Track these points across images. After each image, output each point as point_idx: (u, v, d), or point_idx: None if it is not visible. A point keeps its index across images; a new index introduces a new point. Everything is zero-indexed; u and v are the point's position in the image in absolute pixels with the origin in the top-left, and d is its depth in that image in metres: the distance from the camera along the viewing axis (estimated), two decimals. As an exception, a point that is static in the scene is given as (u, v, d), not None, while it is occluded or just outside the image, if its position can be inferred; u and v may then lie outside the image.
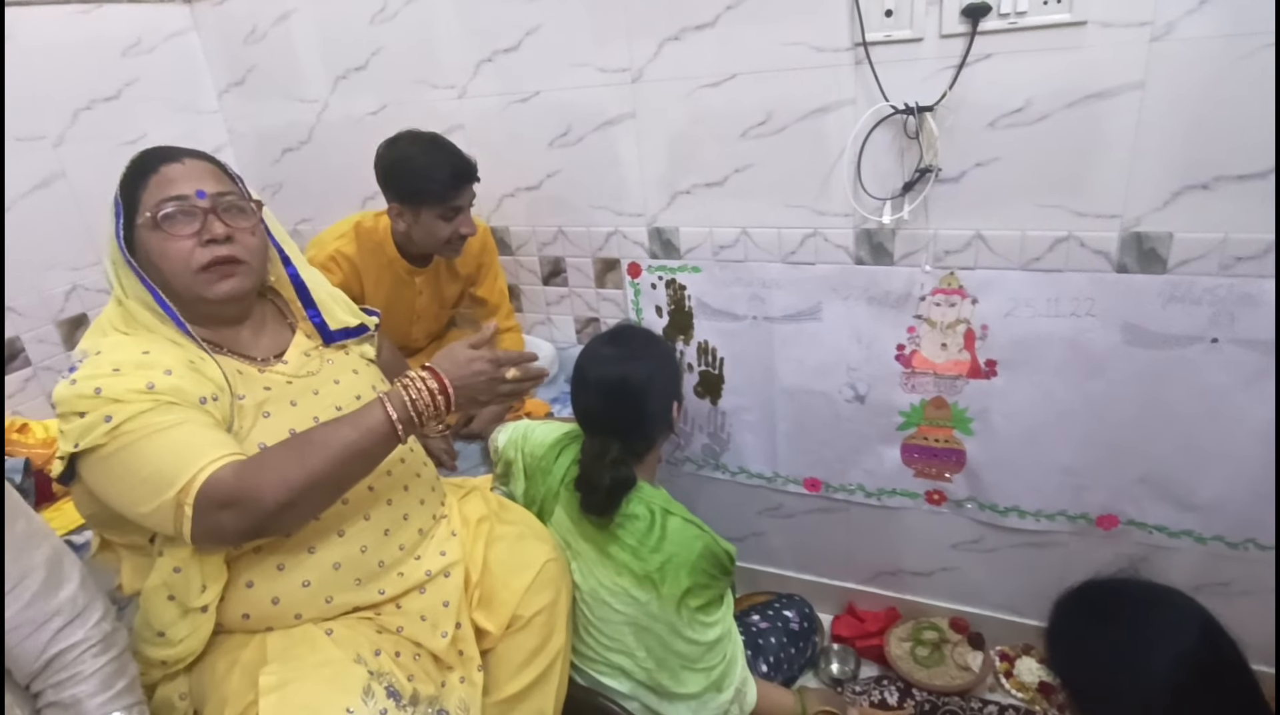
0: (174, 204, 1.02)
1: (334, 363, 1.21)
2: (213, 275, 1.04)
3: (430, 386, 1.04)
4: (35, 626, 0.84)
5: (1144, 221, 1.34)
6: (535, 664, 1.24)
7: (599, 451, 1.31)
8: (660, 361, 1.40)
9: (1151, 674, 0.85)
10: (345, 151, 1.93)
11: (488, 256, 1.83)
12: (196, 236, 1.03)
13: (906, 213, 1.47)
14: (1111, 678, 0.87)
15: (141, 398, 0.94)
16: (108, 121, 1.83)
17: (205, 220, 1.03)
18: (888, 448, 1.73)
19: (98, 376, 0.95)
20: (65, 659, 0.85)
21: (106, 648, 0.89)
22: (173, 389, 0.96)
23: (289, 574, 1.07)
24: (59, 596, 0.86)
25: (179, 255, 1.03)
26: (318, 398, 1.13)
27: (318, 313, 1.21)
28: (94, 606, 0.90)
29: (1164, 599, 0.91)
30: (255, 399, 1.08)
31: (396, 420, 1.01)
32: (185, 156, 1.06)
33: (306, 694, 0.98)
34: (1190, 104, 1.25)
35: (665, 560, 1.28)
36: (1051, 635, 0.96)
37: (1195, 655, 0.86)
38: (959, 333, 1.55)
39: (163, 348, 1.02)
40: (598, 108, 1.67)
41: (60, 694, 0.85)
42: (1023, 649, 1.79)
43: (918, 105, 1.38)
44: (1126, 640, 0.88)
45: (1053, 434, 1.56)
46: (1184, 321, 1.37)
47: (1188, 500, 1.51)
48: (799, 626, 1.62)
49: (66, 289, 1.77)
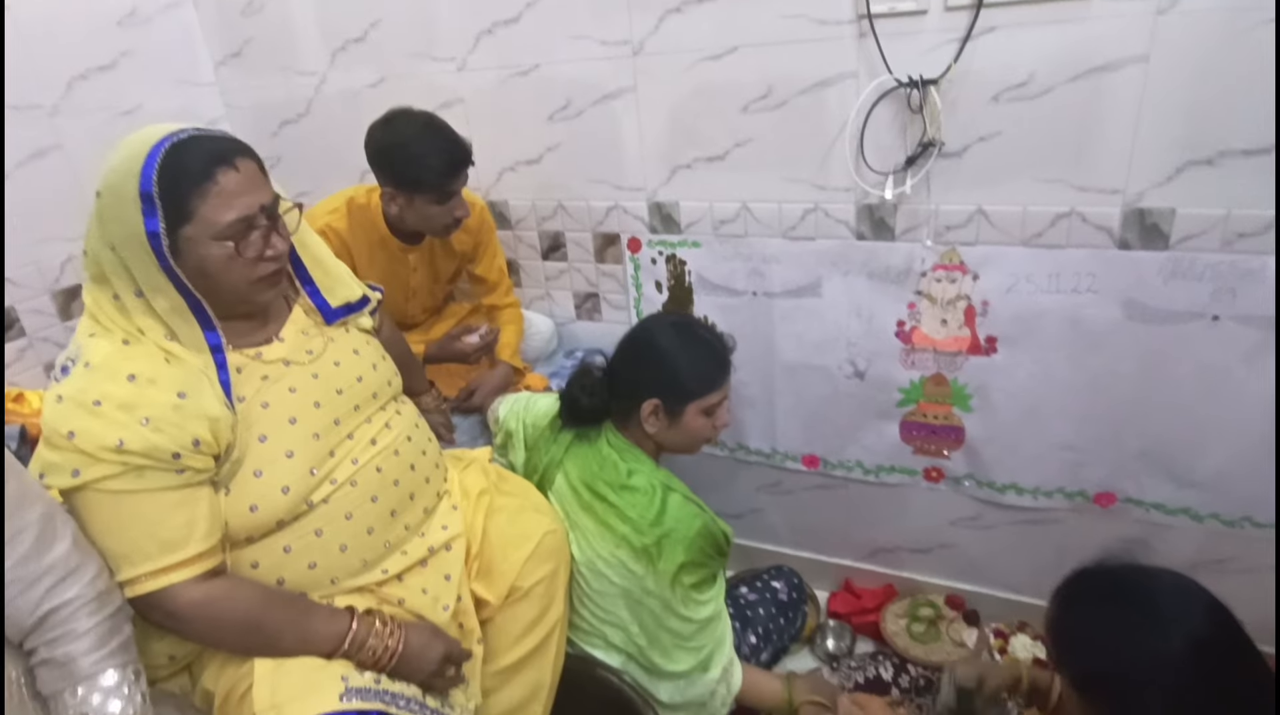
0: (247, 222, 0.97)
1: (335, 342, 1.17)
2: (264, 285, 1.03)
3: (392, 650, 1.05)
4: (27, 584, 0.84)
5: (1146, 197, 1.34)
6: (534, 633, 1.24)
7: (582, 372, 1.40)
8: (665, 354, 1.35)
9: (1162, 657, 0.84)
10: (344, 125, 1.91)
11: (485, 235, 1.82)
12: (260, 252, 1.00)
13: (908, 187, 1.46)
14: (1121, 663, 0.87)
15: (110, 458, 0.90)
16: (104, 92, 1.81)
17: (269, 237, 1.01)
18: (887, 424, 1.73)
19: (79, 408, 0.91)
20: (58, 616, 0.85)
21: (100, 606, 0.89)
22: (146, 448, 0.91)
23: (295, 556, 1.06)
24: (51, 555, 0.86)
25: (242, 268, 0.99)
26: (317, 382, 1.11)
27: (316, 290, 1.17)
28: (87, 565, 0.89)
29: (1168, 582, 0.91)
30: (254, 392, 1.04)
31: (341, 651, 1.02)
32: (236, 157, 0.97)
33: (301, 662, 0.99)
34: (1194, 78, 1.24)
35: (663, 535, 1.28)
36: (1055, 624, 0.95)
37: (1204, 635, 0.85)
38: (959, 309, 1.54)
39: (155, 369, 0.95)
40: (598, 81, 1.66)
41: (53, 651, 0.85)
42: (1017, 626, 1.80)
43: (921, 78, 1.37)
44: (1135, 625, 0.88)
45: (1052, 410, 1.56)
46: (1185, 298, 1.37)
47: (1186, 477, 1.51)
48: (787, 597, 1.62)
49: (62, 260, 1.76)
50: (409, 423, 1.23)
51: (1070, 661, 0.92)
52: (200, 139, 0.96)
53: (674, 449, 1.40)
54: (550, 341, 1.98)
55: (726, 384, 1.37)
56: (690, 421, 1.34)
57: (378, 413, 1.18)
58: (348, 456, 1.10)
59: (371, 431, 1.15)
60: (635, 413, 1.35)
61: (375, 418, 1.17)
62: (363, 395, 1.15)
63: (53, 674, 0.85)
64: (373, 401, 1.17)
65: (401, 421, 1.21)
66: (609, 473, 1.34)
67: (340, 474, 1.09)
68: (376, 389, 1.19)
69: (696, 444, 1.40)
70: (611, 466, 1.34)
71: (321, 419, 1.08)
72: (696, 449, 1.42)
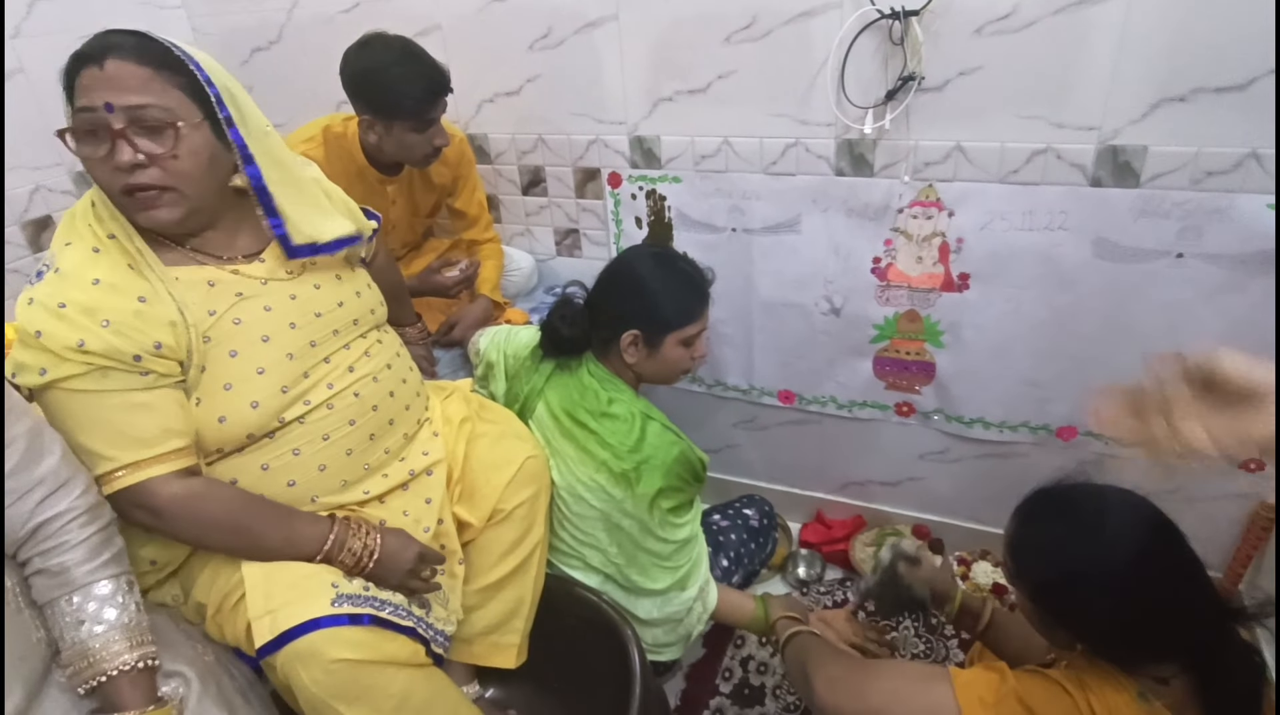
0: (82, 117, 0.93)
1: (317, 265, 1.16)
2: (136, 202, 0.97)
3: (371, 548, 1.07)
4: (18, 496, 0.86)
5: (1121, 134, 1.35)
6: (515, 554, 1.28)
7: (562, 302, 1.41)
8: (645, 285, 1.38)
9: (1112, 566, 0.90)
10: (317, 52, 1.84)
11: (465, 168, 1.80)
12: (109, 160, 0.94)
13: (888, 122, 1.46)
14: (1073, 572, 0.92)
15: (74, 358, 0.92)
16: (65, 13, 1.74)
17: (114, 144, 0.93)
18: (860, 360, 1.77)
19: (45, 311, 0.93)
20: (50, 528, 0.87)
21: (92, 519, 0.91)
22: (106, 349, 0.93)
23: (274, 474, 1.08)
24: (40, 467, 0.88)
25: (100, 176, 0.96)
26: (294, 303, 1.10)
27: (280, 223, 1.09)
28: (77, 479, 0.91)
29: (1118, 498, 0.96)
30: (227, 307, 1.05)
31: (324, 552, 1.05)
32: (110, 55, 0.92)
33: (290, 571, 1.02)
34: (1176, 10, 1.24)
35: (642, 460, 1.32)
36: (1013, 539, 1.00)
37: (1147, 542, 0.91)
38: (934, 246, 1.57)
39: (119, 276, 0.97)
40: (579, 8, 1.62)
41: (48, 561, 0.87)
42: (979, 554, 1.88)
43: (904, 9, 1.36)
44: (1085, 535, 0.93)
45: (1020, 347, 1.60)
46: (1152, 236, 1.40)
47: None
48: (758, 524, 1.68)
49: (30, 189, 1.71)
50: (390, 351, 1.24)
51: (1025, 571, 0.98)
52: (101, 34, 0.95)
53: (653, 379, 1.43)
54: (531, 277, 1.98)
55: (705, 316, 1.40)
56: (669, 352, 1.37)
57: (357, 340, 1.18)
58: (323, 380, 1.11)
59: (350, 358, 1.16)
60: (615, 343, 1.37)
61: (354, 344, 1.18)
62: (342, 321, 1.16)
63: (48, 583, 0.88)
64: (353, 328, 1.18)
65: (382, 350, 1.22)
66: (589, 401, 1.37)
67: (315, 396, 1.10)
68: (358, 316, 1.19)
69: (675, 375, 1.43)
70: (592, 395, 1.37)
71: (296, 340, 1.09)
72: (675, 380, 1.45)
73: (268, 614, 0.97)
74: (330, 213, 1.17)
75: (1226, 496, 1.59)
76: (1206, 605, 0.90)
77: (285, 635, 0.95)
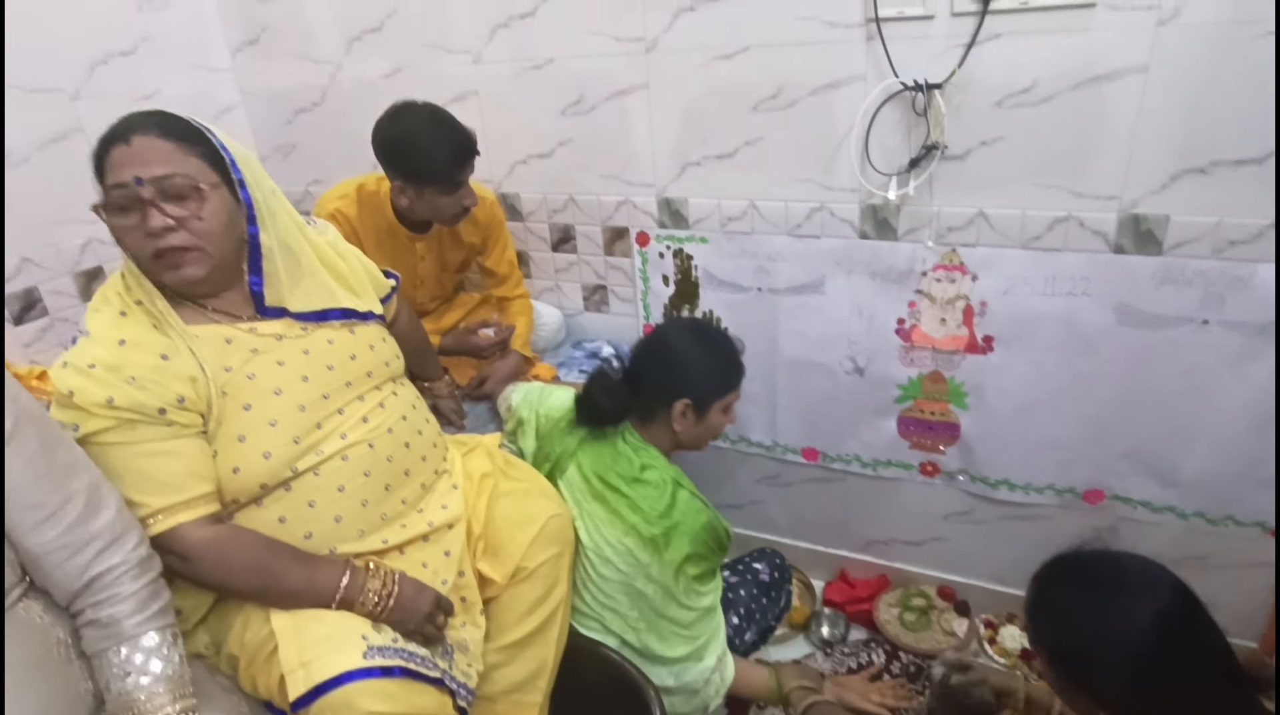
0: (116, 194, 1.01)
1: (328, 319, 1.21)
2: (165, 263, 1.04)
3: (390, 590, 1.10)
4: (75, 550, 0.89)
5: (1142, 203, 1.38)
6: (538, 612, 1.29)
7: (600, 374, 1.47)
8: (690, 357, 1.43)
9: (1131, 634, 0.90)
10: (358, 114, 1.92)
11: (495, 229, 1.85)
12: (141, 227, 1.02)
13: (912, 189, 1.50)
14: (1092, 640, 0.92)
15: (103, 414, 0.99)
16: (123, 77, 1.84)
17: (146, 212, 1.01)
18: (885, 420, 1.77)
19: (76, 372, 0.99)
20: (104, 580, 0.90)
21: (143, 571, 0.94)
22: (132, 404, 0.99)
23: (290, 526, 1.10)
24: (98, 521, 0.91)
25: (132, 243, 1.04)
26: (307, 358, 1.15)
27: (259, 280, 1.14)
28: (131, 533, 0.94)
29: (1137, 565, 0.96)
30: (242, 362, 1.09)
31: (343, 591, 1.07)
32: (136, 133, 1.01)
33: (321, 624, 1.04)
34: (1192, 88, 1.28)
35: (671, 526, 1.35)
36: (1033, 604, 1.01)
37: (1166, 611, 0.91)
38: (958, 308, 1.59)
39: (142, 335, 1.04)
40: (611, 77, 1.69)
41: (99, 613, 0.90)
42: (1006, 617, 1.86)
43: (926, 83, 1.41)
44: (1104, 602, 0.93)
45: (1044, 410, 1.60)
46: (1175, 303, 1.42)
47: (1171, 477, 1.56)
48: (769, 577, 1.67)
49: (82, 243, 1.79)
50: (405, 403, 1.27)
51: (1046, 638, 0.98)
52: (125, 118, 1.04)
53: (690, 445, 1.48)
54: (559, 332, 2.02)
55: (741, 382, 1.46)
56: (713, 418, 1.44)
57: (371, 392, 1.21)
58: (336, 431, 1.14)
59: (364, 409, 1.19)
60: (659, 413, 1.42)
61: (369, 396, 1.20)
62: (355, 373, 1.19)
63: (98, 634, 0.90)
64: (366, 380, 1.21)
65: (398, 402, 1.25)
66: (623, 466, 1.40)
67: (328, 447, 1.13)
68: (371, 368, 1.22)
69: (711, 440, 1.49)
70: (626, 460, 1.40)
71: (308, 392, 1.13)
72: (706, 445, 1.50)
73: (301, 667, 0.98)
74: (319, 283, 1.20)
75: (1259, 564, 1.57)
76: (1226, 675, 0.89)
77: (319, 688, 0.96)
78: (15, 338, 1.68)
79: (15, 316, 1.67)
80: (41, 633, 0.88)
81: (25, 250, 1.68)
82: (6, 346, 1.66)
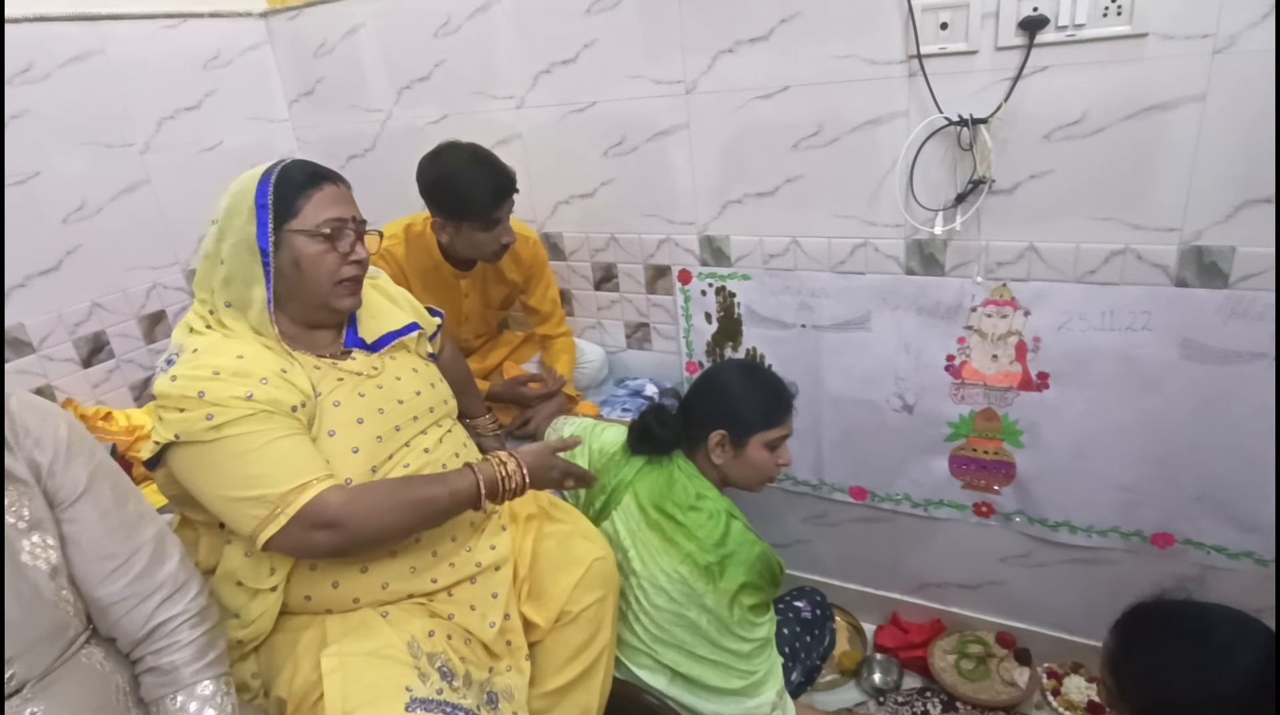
0: (340, 223, 1.13)
1: (395, 360, 1.27)
2: (345, 289, 1.16)
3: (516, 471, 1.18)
4: (141, 599, 0.92)
5: (1204, 235, 1.33)
6: (582, 658, 1.27)
7: (656, 407, 1.50)
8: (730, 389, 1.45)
9: (1220, 688, 0.85)
10: (407, 159, 1.98)
11: (538, 268, 1.87)
12: (346, 254, 1.14)
13: (959, 224, 1.47)
14: (1181, 695, 0.87)
15: (242, 405, 1.02)
16: (189, 130, 1.94)
17: (354, 243, 1.15)
18: (935, 458, 1.72)
19: (199, 379, 1.03)
20: (166, 629, 0.93)
21: (202, 620, 0.96)
22: (270, 400, 1.04)
23: (349, 560, 1.12)
24: (162, 572, 0.94)
25: (329, 265, 1.13)
26: (381, 392, 1.20)
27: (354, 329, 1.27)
28: (192, 582, 0.97)
29: (1224, 616, 0.91)
30: (330, 389, 1.15)
31: (483, 493, 1.14)
32: (338, 179, 1.16)
33: (367, 674, 1.04)
34: (1251, 117, 1.23)
35: (726, 555, 1.34)
36: (1114, 656, 0.96)
37: (1260, 667, 0.86)
38: (1010, 344, 1.54)
39: (255, 353, 1.09)
40: (651, 118, 1.71)
41: (159, 660, 0.92)
42: (1071, 667, 1.76)
43: (971, 117, 1.39)
44: (1194, 657, 0.88)
45: (1105, 449, 1.54)
46: (1245, 337, 1.35)
47: (1249, 521, 1.48)
48: (811, 615, 1.62)
49: (148, 287, 1.88)
50: (458, 441, 1.30)
51: (1131, 694, 0.93)
52: (305, 162, 1.17)
53: (739, 483, 1.47)
54: (601, 370, 2.02)
55: (788, 422, 1.45)
56: (753, 454, 1.41)
57: (432, 427, 1.26)
58: (401, 461, 1.18)
59: (426, 442, 1.23)
60: (704, 443, 1.42)
61: (430, 431, 1.25)
62: (420, 408, 1.24)
63: (156, 680, 0.93)
64: (429, 415, 1.25)
65: (451, 438, 1.29)
66: (678, 494, 1.39)
67: (395, 476, 1.16)
68: (433, 405, 1.27)
69: (760, 480, 1.47)
70: (680, 489, 1.40)
71: (384, 424, 1.17)
72: (759, 486, 1.48)
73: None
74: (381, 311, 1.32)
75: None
76: None
77: (362, 736, 0.96)
78: (84, 379, 1.76)
79: (84, 359, 1.76)
80: (102, 680, 0.90)
81: (95, 295, 1.77)
82: (76, 388, 1.74)
